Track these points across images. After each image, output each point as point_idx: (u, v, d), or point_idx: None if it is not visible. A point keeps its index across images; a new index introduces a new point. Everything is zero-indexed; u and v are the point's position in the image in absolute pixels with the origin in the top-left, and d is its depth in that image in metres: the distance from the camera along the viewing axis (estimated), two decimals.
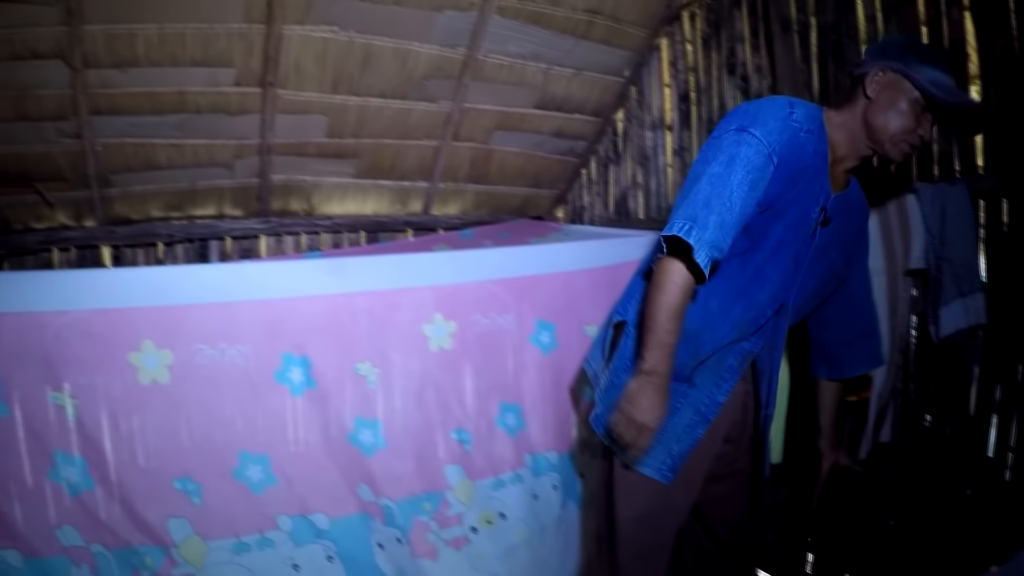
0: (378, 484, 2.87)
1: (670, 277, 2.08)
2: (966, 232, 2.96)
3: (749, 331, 2.32)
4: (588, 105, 4.34)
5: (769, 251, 2.22)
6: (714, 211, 2.02)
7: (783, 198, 2.15)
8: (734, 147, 2.08)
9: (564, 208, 4.86)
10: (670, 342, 2.10)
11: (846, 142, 2.24)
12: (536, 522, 3.11)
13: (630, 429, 2.14)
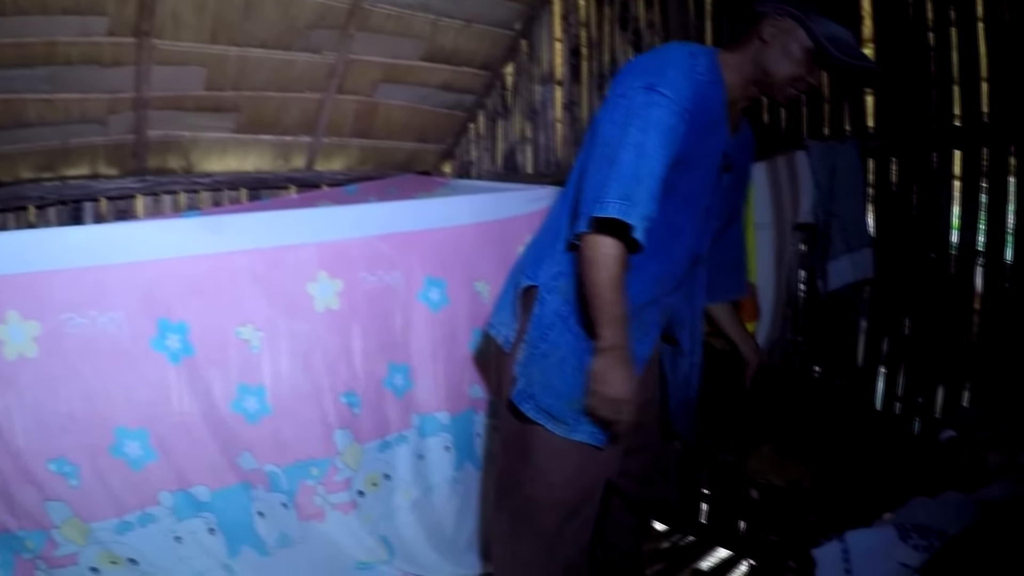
0: (262, 451, 2.78)
1: (606, 252, 2.05)
2: (855, 189, 3.00)
3: (669, 286, 2.32)
4: (477, 58, 4.24)
5: (680, 205, 2.20)
6: (643, 183, 1.99)
7: (692, 153, 2.12)
8: (646, 109, 2.03)
9: (451, 163, 4.76)
10: (620, 313, 2.08)
11: (740, 84, 2.22)
12: (423, 483, 3.06)
13: (610, 407, 2.13)
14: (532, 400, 2.27)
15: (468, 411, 3.21)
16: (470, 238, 3.16)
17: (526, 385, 2.28)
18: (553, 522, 2.37)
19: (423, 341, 3.06)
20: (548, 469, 2.33)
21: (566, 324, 2.24)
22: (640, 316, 2.30)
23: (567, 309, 2.24)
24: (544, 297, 2.29)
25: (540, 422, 2.28)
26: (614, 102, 2.11)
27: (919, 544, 1.93)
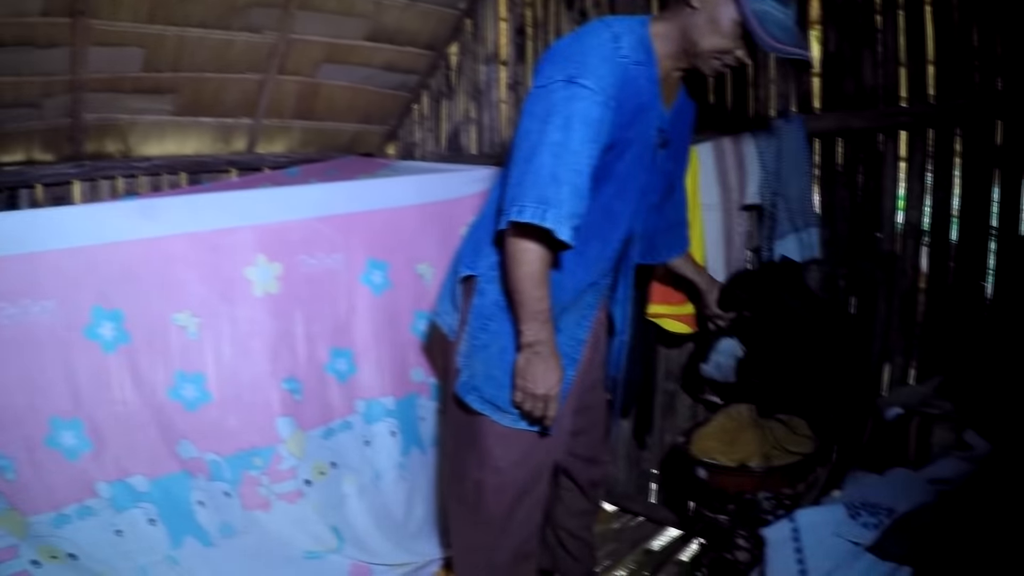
0: (202, 439, 2.72)
1: (525, 247, 2.03)
2: (801, 169, 3.00)
3: (606, 269, 2.31)
4: (421, 38, 4.17)
5: (615, 190, 2.18)
6: (564, 183, 1.95)
7: (623, 138, 2.10)
8: (567, 104, 1.98)
9: (395, 144, 4.69)
10: (543, 308, 2.06)
11: (672, 55, 2.18)
12: (371, 470, 3.02)
13: (535, 403, 2.13)
14: (476, 392, 2.25)
15: (412, 395, 3.17)
16: (413, 220, 3.10)
17: (469, 377, 2.26)
18: (502, 506, 2.36)
19: (366, 325, 3.01)
20: (495, 454, 2.31)
21: (505, 314, 2.22)
22: (579, 301, 2.28)
23: (505, 300, 2.21)
24: (483, 287, 2.26)
25: (485, 413, 2.26)
26: (535, 93, 2.06)
27: (868, 522, 1.94)
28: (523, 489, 2.38)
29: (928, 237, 2.92)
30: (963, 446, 2.32)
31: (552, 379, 2.12)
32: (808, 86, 3.09)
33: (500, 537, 2.41)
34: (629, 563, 3.32)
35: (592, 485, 2.76)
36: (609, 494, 3.76)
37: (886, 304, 3.00)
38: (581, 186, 1.99)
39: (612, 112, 2.03)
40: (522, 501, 2.39)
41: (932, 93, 2.84)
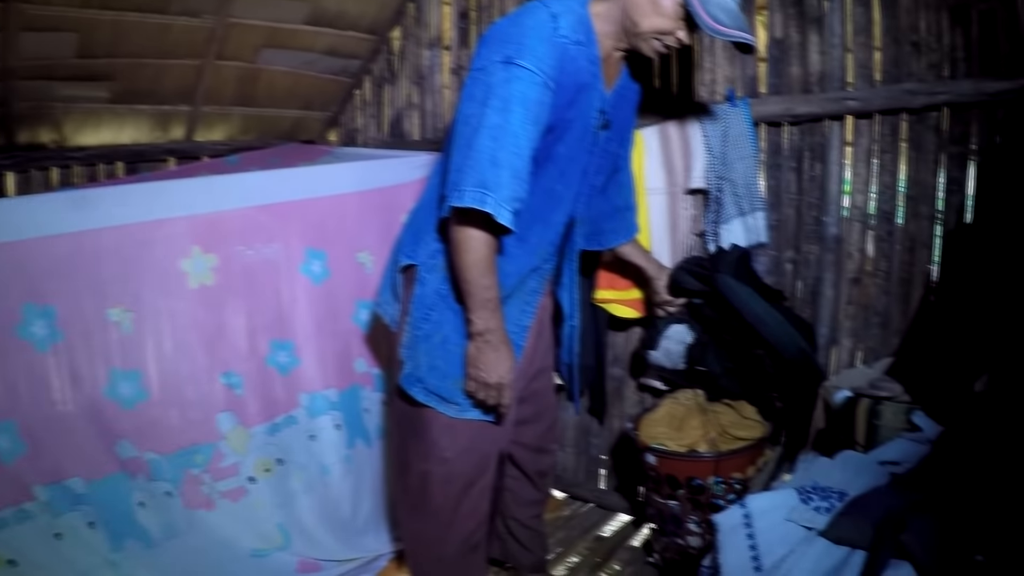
0: (141, 438, 2.64)
1: (470, 233, 1.99)
2: (747, 153, 2.99)
3: (548, 253, 2.28)
4: (363, 22, 4.08)
5: (557, 172, 2.15)
6: (503, 166, 1.92)
7: (564, 119, 2.07)
8: (506, 86, 1.94)
9: (337, 131, 4.59)
10: (492, 296, 2.04)
11: (612, 35, 2.15)
12: (316, 465, 2.96)
13: (488, 392, 2.11)
14: (420, 383, 2.21)
15: (355, 386, 3.12)
16: (352, 207, 3.04)
17: (413, 368, 2.22)
18: (449, 497, 2.34)
19: (306, 316, 2.95)
20: (441, 445, 2.28)
21: (446, 303, 2.18)
22: (523, 287, 2.25)
23: (447, 288, 2.18)
24: (424, 276, 2.22)
25: (431, 405, 2.23)
26: (474, 77, 2.03)
27: (820, 506, 1.92)
28: (469, 480, 2.35)
29: (874, 221, 2.93)
30: (912, 428, 2.32)
31: (504, 367, 2.10)
32: (754, 71, 3.08)
33: (448, 528, 2.38)
34: (581, 550, 3.31)
35: (540, 474, 2.74)
36: (559, 481, 3.75)
37: (833, 288, 3.01)
38: (522, 169, 1.95)
39: (552, 93, 1.99)
40: (468, 492, 2.36)
41: (878, 79, 2.84)
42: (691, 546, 2.83)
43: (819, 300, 3.04)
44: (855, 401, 2.48)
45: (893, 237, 2.89)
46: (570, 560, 3.22)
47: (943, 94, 2.68)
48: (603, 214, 2.62)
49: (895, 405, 2.42)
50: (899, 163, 2.85)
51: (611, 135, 2.32)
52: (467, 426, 2.27)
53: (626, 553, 3.27)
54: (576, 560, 3.22)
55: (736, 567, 1.85)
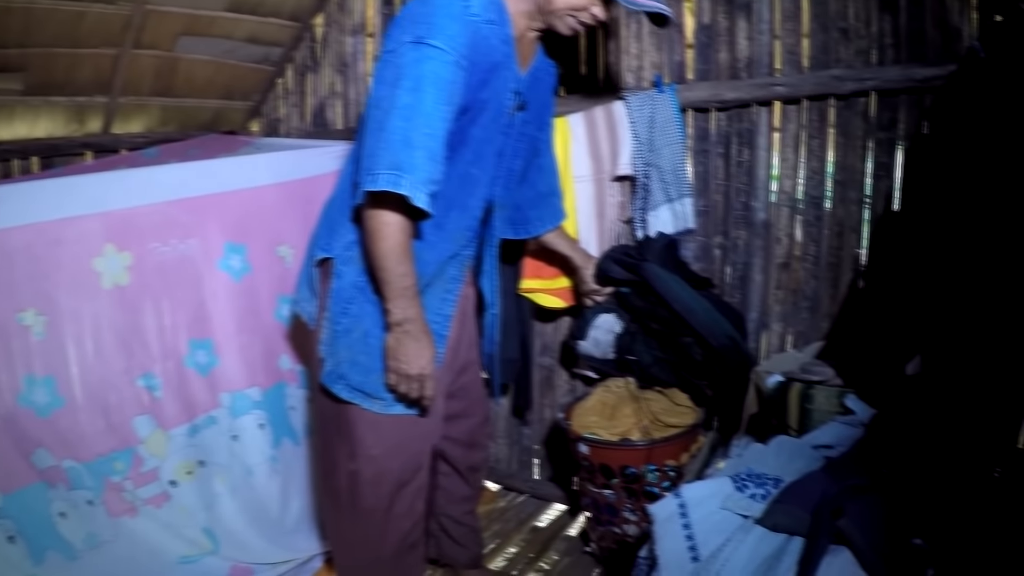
0: (59, 446, 2.53)
1: (386, 222, 1.94)
2: (674, 139, 2.97)
3: (467, 239, 2.23)
4: (285, 8, 3.97)
5: (472, 155, 2.10)
6: (417, 147, 1.87)
7: (477, 100, 2.02)
8: (417, 66, 1.89)
9: (259, 121, 4.47)
10: (409, 284, 1.99)
11: (525, 15, 2.12)
12: (240, 466, 2.88)
13: (410, 384, 2.06)
14: (343, 380, 2.16)
15: (279, 384, 3.04)
16: (272, 199, 2.95)
17: (334, 365, 2.17)
18: (381, 498, 2.28)
19: (225, 313, 2.85)
20: (367, 443, 2.23)
21: (365, 295, 2.12)
22: (442, 274, 2.20)
23: (364, 280, 2.12)
24: (340, 269, 2.17)
25: (355, 401, 2.18)
26: (384, 59, 1.98)
27: (756, 493, 1.91)
28: (400, 479, 2.30)
29: (802, 206, 2.94)
30: (845, 411, 2.33)
31: (425, 357, 2.05)
32: (682, 56, 3.06)
33: (383, 529, 2.32)
34: (517, 542, 3.28)
35: (472, 470, 2.70)
36: (493, 473, 3.72)
37: (762, 273, 3.02)
38: (436, 150, 1.91)
39: (464, 72, 1.95)
40: (402, 491, 2.31)
41: (806, 65, 2.85)
42: (628, 535, 2.83)
43: (748, 285, 3.04)
44: (787, 386, 2.48)
45: (821, 222, 2.90)
46: (507, 552, 3.19)
47: (871, 80, 2.69)
48: (527, 201, 2.58)
49: (827, 389, 2.43)
50: (827, 148, 2.86)
51: (528, 118, 2.28)
52: (394, 422, 2.22)
53: (563, 543, 3.25)
54: (513, 552, 3.19)
55: (673, 558, 1.83)
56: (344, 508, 2.35)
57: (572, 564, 3.09)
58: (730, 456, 2.39)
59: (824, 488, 1.79)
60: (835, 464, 2.03)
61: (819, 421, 2.37)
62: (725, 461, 2.29)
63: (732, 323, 2.70)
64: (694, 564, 1.78)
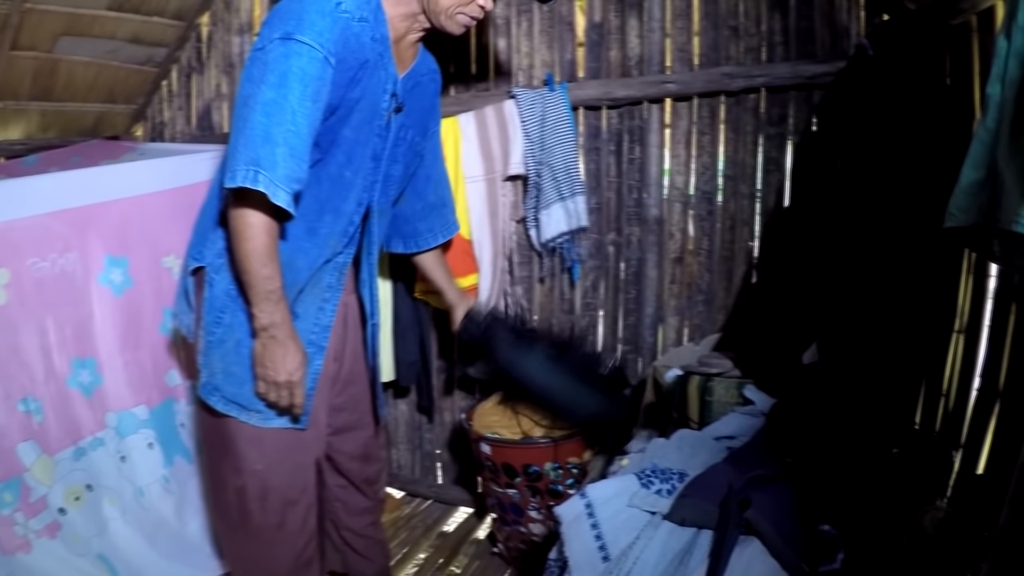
0: None
1: (248, 221, 1.88)
2: (565, 138, 2.98)
3: (342, 243, 2.17)
4: (169, 7, 3.84)
5: (344, 157, 2.05)
6: (278, 143, 1.81)
7: (347, 99, 1.98)
8: (283, 61, 1.84)
9: (143, 125, 4.33)
10: (274, 287, 1.92)
11: (404, 16, 2.09)
12: (131, 487, 2.75)
13: (279, 392, 2.00)
14: (218, 392, 2.10)
15: (168, 401, 2.90)
16: (155, 208, 2.81)
17: (209, 376, 2.10)
18: (269, 512, 2.22)
19: (108, 330, 2.71)
20: (250, 458, 2.17)
21: (237, 304, 2.07)
22: (318, 282, 2.15)
23: (236, 288, 2.06)
24: (212, 278, 2.10)
25: (232, 414, 2.12)
26: (252, 57, 1.93)
27: (662, 488, 1.92)
28: (288, 496, 2.24)
29: (695, 201, 2.97)
30: (744, 401, 2.37)
31: (293, 363, 2.00)
32: (573, 55, 3.07)
33: (275, 547, 2.26)
34: (425, 548, 3.25)
35: (368, 482, 2.63)
36: (396, 479, 3.69)
37: (656, 268, 3.05)
38: (299, 147, 1.86)
39: (333, 70, 1.90)
40: (292, 508, 2.26)
41: (697, 62, 2.88)
42: (534, 534, 2.82)
43: (643, 281, 3.07)
44: (686, 379, 2.51)
45: (714, 216, 2.94)
46: (416, 559, 3.16)
47: (761, 77, 2.74)
48: (416, 213, 2.55)
49: (726, 380, 2.46)
50: (718, 144, 2.90)
51: (408, 122, 2.25)
52: (275, 436, 2.16)
53: (471, 547, 3.24)
54: (422, 558, 3.16)
55: (583, 559, 1.82)
56: (235, 526, 2.28)
57: (482, 567, 3.08)
58: (632, 451, 2.40)
59: (730, 480, 1.81)
60: (738, 455, 2.05)
61: (719, 412, 2.40)
62: (628, 457, 2.30)
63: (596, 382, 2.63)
64: (605, 564, 1.77)
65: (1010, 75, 1.02)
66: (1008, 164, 0.99)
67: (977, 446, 2.04)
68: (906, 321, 2.37)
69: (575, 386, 2.50)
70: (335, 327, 2.27)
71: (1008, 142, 1.00)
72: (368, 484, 2.62)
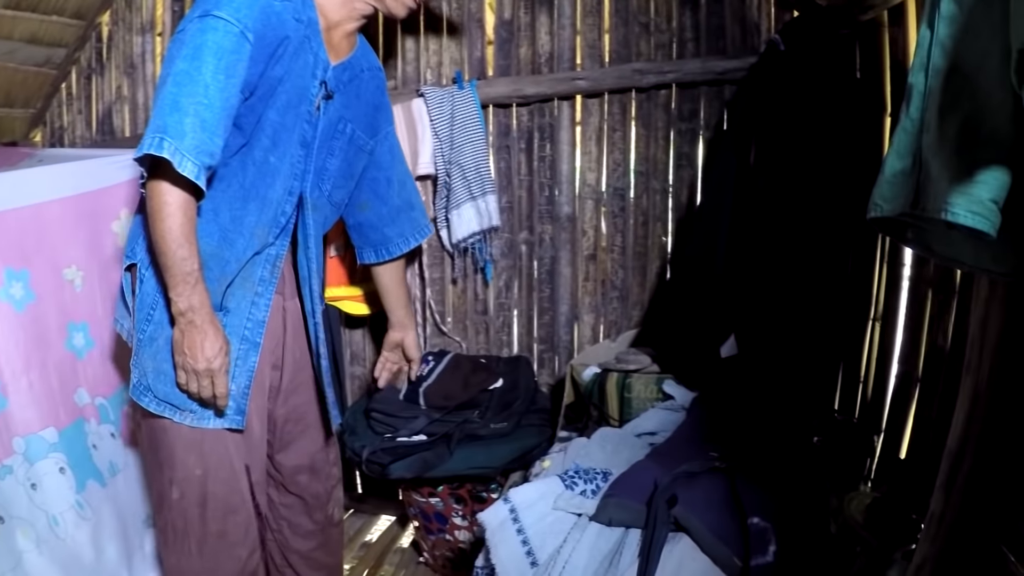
0: None
1: (163, 199, 1.81)
2: (475, 136, 2.96)
3: (272, 234, 2.10)
4: (68, 5, 3.68)
5: (269, 142, 1.99)
6: (187, 113, 1.76)
7: (268, 78, 1.93)
8: (198, 36, 1.80)
9: (42, 130, 4.16)
10: (192, 269, 1.85)
11: (339, 3, 2.06)
12: (44, 516, 2.58)
13: (200, 381, 1.92)
14: (150, 392, 2.01)
15: (78, 421, 2.69)
16: (54, 217, 2.63)
17: (140, 376, 2.01)
18: (212, 522, 2.12)
19: (11, 348, 2.49)
20: (188, 463, 2.07)
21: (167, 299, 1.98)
22: (249, 275, 2.08)
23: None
24: (143, 274, 2.02)
25: (166, 415, 2.02)
26: (172, 40, 1.89)
27: (586, 489, 1.90)
28: (229, 503, 2.14)
29: (607, 198, 2.99)
30: (664, 396, 2.38)
31: (212, 349, 1.91)
32: (482, 52, 3.05)
33: (219, 558, 2.15)
34: (349, 560, 3.12)
35: (317, 499, 2.48)
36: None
37: (570, 266, 3.06)
38: (210, 120, 1.80)
39: (251, 46, 1.86)
40: (234, 518, 2.15)
41: (608, 59, 2.90)
42: (461, 541, 2.79)
43: (557, 279, 3.08)
44: (604, 376, 2.51)
45: (626, 212, 2.97)
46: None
47: (672, 73, 2.78)
48: (382, 218, 2.49)
49: (645, 376, 2.48)
50: (630, 141, 2.92)
51: (346, 115, 2.20)
52: (212, 438, 2.07)
53: (396, 556, 3.18)
54: (348, 569, 3.04)
55: (511, 565, 1.79)
56: (178, 538, 2.16)
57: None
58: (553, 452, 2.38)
59: (655, 477, 1.81)
60: (661, 451, 2.06)
61: (639, 409, 2.41)
62: (550, 458, 2.28)
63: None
64: (534, 570, 1.75)
65: (934, 64, 1.03)
66: (936, 153, 1.00)
67: (898, 431, 2.09)
68: (822, 311, 2.41)
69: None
70: (274, 332, 2.21)
71: (936, 130, 1.00)
72: (317, 500, 2.49)
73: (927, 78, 1.05)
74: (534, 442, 2.65)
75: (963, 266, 1.18)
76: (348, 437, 2.76)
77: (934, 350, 1.93)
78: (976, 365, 1.25)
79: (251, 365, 2.09)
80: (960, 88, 0.99)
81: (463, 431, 2.64)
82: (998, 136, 0.93)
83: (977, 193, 0.92)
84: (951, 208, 0.93)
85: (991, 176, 0.92)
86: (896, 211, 1.09)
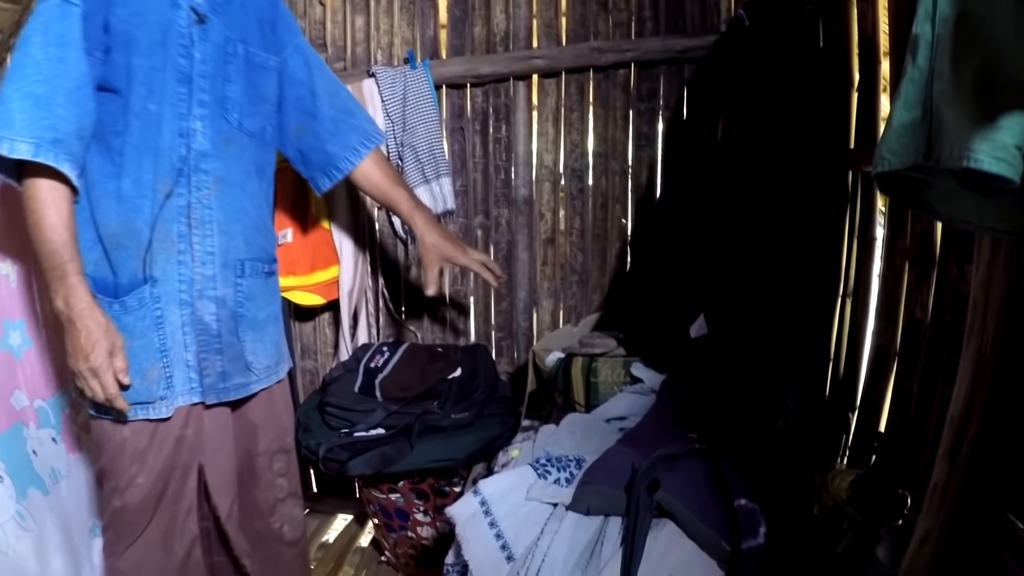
0: None
1: (27, 195, 1.77)
2: (429, 117, 2.89)
3: (170, 183, 1.95)
4: None
5: (144, 89, 1.88)
6: (12, 100, 1.70)
7: (115, 22, 1.84)
8: (29, 26, 1.75)
9: None
10: (59, 264, 1.76)
11: None
12: None
13: (91, 381, 1.81)
14: (80, 391, 1.90)
15: (16, 426, 2.53)
16: None
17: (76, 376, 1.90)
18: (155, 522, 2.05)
19: None
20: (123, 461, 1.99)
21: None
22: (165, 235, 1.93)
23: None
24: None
25: (95, 413, 1.96)
26: None
27: (559, 478, 1.82)
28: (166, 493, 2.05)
29: (565, 180, 2.93)
30: (632, 380, 2.32)
31: (96, 349, 1.79)
32: (435, 31, 2.97)
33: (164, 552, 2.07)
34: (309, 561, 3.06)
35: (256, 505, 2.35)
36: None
37: (528, 250, 3.00)
38: (44, 94, 1.72)
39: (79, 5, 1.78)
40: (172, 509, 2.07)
41: (565, 38, 2.84)
42: (424, 538, 2.71)
43: (514, 264, 3.01)
44: (569, 361, 2.44)
45: (585, 194, 2.91)
46: None
47: (631, 52, 2.72)
48: (321, 135, 2.34)
49: (611, 360, 2.41)
50: (588, 121, 2.86)
51: (232, 35, 2.05)
52: (144, 433, 1.98)
53: (356, 556, 3.09)
54: None
55: (485, 561, 1.70)
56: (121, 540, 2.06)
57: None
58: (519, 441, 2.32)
59: (632, 462, 1.74)
60: (634, 435, 1.99)
61: (606, 394, 2.34)
62: (518, 447, 2.20)
63: None
64: (510, 564, 1.66)
65: (941, 13, 0.99)
66: (951, 101, 0.96)
67: (874, 407, 2.06)
68: (792, 288, 2.38)
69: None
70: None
71: (951, 78, 0.95)
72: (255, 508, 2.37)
73: (934, 27, 1.00)
74: (497, 432, 2.57)
75: (968, 225, 1.13)
76: (303, 435, 2.63)
77: (912, 323, 1.90)
78: (980, 328, 1.20)
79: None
80: (971, 34, 0.94)
81: (423, 423, 2.54)
82: (1017, 80, 0.88)
83: (1000, 138, 0.87)
84: (974, 155, 0.88)
85: (1014, 121, 0.87)
86: (906, 163, 1.03)
